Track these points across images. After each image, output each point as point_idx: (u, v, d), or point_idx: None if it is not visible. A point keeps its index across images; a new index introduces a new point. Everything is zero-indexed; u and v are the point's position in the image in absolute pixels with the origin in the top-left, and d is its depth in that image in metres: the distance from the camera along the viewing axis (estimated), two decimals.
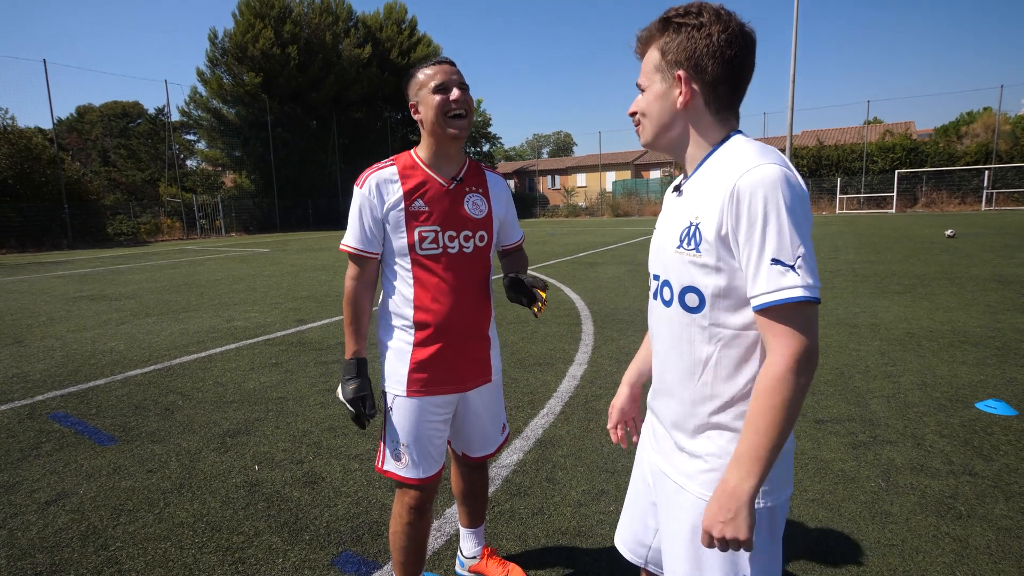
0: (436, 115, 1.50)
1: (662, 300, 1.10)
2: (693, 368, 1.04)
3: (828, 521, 2.20)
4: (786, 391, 0.89)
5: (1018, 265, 8.48)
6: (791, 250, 0.89)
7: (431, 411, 1.60)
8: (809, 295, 0.89)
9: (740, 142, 1.01)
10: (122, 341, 5.54)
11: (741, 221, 0.92)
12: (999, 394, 3.40)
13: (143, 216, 26.55)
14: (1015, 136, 26.56)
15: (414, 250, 1.55)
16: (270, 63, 27.98)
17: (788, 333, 0.90)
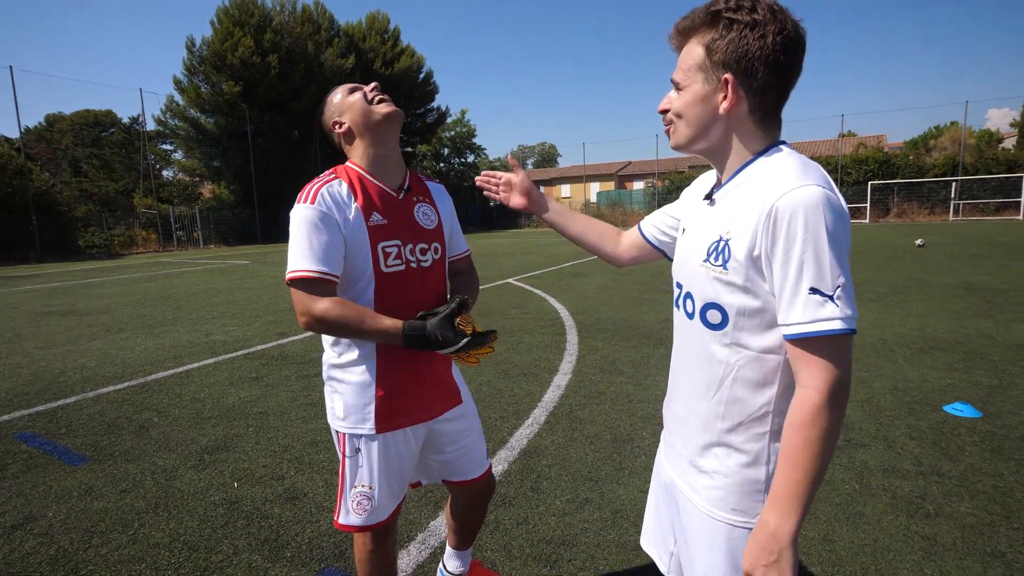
0: (361, 107, 1.43)
1: (684, 311, 1.08)
2: (710, 385, 1.02)
3: (805, 524, 2.25)
4: (823, 425, 0.85)
5: (984, 273, 8.77)
6: (831, 280, 0.84)
7: (402, 445, 1.48)
8: (847, 327, 0.85)
9: (783, 156, 0.94)
10: (93, 357, 5.41)
11: (778, 244, 0.86)
12: (965, 397, 3.51)
13: (117, 228, 26.00)
14: (980, 149, 27.58)
15: (378, 268, 1.40)
16: (250, 72, 27.77)
17: (823, 366, 0.86)
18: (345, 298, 1.40)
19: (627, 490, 2.57)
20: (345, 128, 1.47)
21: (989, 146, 28.43)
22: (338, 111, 1.48)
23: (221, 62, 27.62)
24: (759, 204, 0.89)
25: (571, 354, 4.93)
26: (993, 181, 25.52)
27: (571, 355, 4.89)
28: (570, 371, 4.43)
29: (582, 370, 4.45)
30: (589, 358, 4.78)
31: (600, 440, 3.12)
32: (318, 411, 3.72)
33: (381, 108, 1.44)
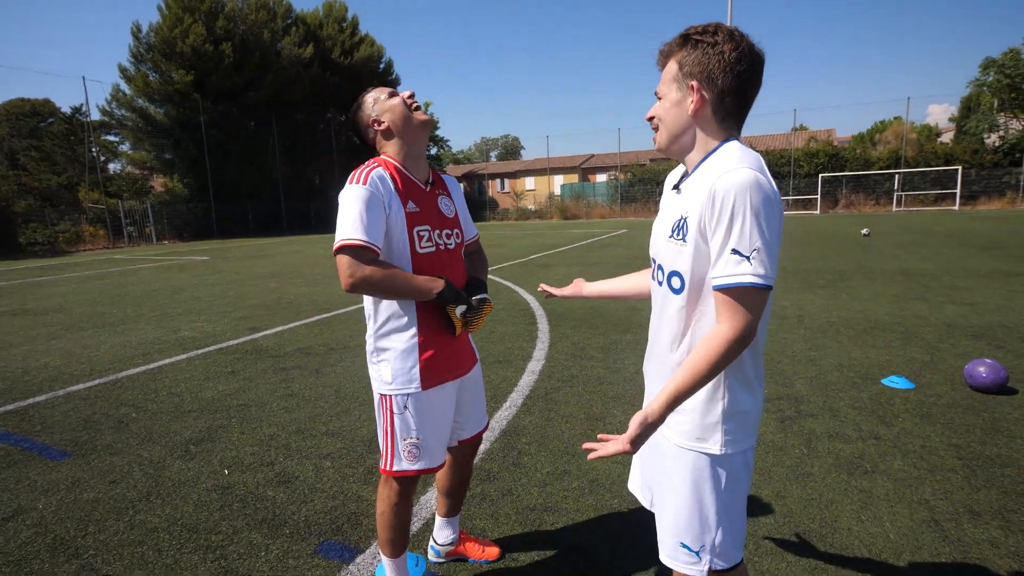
0: (402, 111, 1.64)
1: (656, 280, 1.31)
2: (675, 339, 1.24)
3: (760, 484, 2.51)
4: (720, 355, 1.09)
5: (920, 260, 9.45)
6: (749, 244, 1.05)
7: (444, 399, 1.72)
8: (759, 283, 1.06)
9: (729, 147, 1.16)
10: (57, 356, 5.28)
11: (714, 215, 1.08)
12: (901, 371, 3.89)
13: (61, 224, 24.74)
14: (920, 143, 29.22)
15: (414, 249, 1.63)
16: (202, 60, 26.79)
17: (736, 311, 1.08)
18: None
19: (602, 462, 2.78)
20: (384, 127, 1.66)
21: (929, 140, 30.13)
22: (379, 111, 1.67)
23: (170, 50, 26.55)
24: (706, 185, 1.11)
25: (543, 342, 5.13)
26: (932, 173, 27.13)
27: (543, 343, 5.10)
28: (543, 357, 4.63)
29: (554, 356, 4.65)
30: (560, 345, 5.00)
31: (575, 419, 3.32)
32: (300, 401, 3.80)
33: (419, 115, 1.67)
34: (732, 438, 1.22)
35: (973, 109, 29.70)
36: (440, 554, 2.07)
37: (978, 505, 2.29)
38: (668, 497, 1.29)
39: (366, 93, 1.71)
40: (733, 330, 1.08)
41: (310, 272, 11.36)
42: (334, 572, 2.02)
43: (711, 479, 1.23)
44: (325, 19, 32.97)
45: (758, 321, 1.10)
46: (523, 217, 36.35)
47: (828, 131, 37.03)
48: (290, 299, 8.03)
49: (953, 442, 2.84)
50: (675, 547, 1.29)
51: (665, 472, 1.30)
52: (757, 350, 1.23)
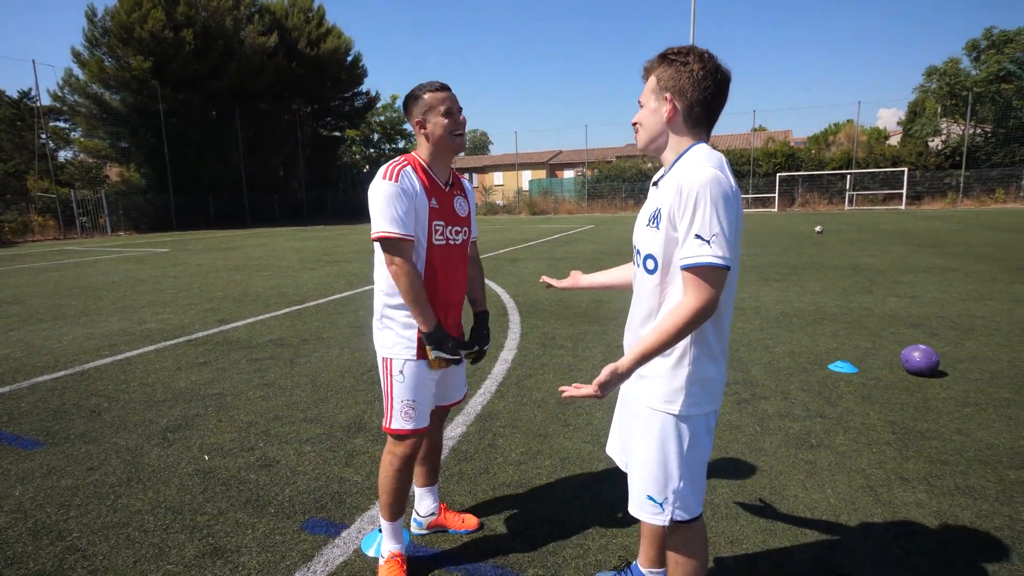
0: (444, 134, 1.81)
1: (635, 264, 1.50)
2: (649, 314, 1.43)
3: (717, 459, 2.72)
4: (684, 322, 1.27)
5: (869, 256, 10.01)
6: (709, 230, 1.24)
7: (432, 371, 1.90)
8: (718, 263, 1.24)
9: (698, 149, 1.36)
10: (17, 348, 5.14)
11: (680, 206, 1.27)
12: (846, 357, 4.20)
13: (7, 213, 23.52)
14: (870, 145, 30.62)
15: (431, 240, 1.84)
16: (161, 47, 25.82)
17: (699, 287, 1.27)
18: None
19: (572, 442, 2.95)
20: (425, 132, 1.83)
21: (878, 142, 31.59)
22: (426, 117, 1.82)
23: (128, 35, 25.51)
24: (675, 182, 1.31)
25: (514, 332, 5.28)
26: (881, 174, 28.50)
27: (514, 333, 5.25)
28: (515, 347, 4.78)
29: (525, 346, 4.81)
30: (531, 335, 5.16)
31: (546, 404, 3.49)
32: (276, 390, 3.84)
33: (458, 142, 1.86)
34: (695, 401, 1.39)
35: (919, 114, 31.27)
36: (422, 525, 2.20)
37: (908, 473, 2.56)
38: (638, 454, 1.47)
39: (426, 90, 1.82)
40: (697, 301, 1.27)
41: (277, 265, 11.21)
42: (320, 546, 2.12)
43: (675, 437, 1.40)
44: (290, 8, 32.22)
45: (718, 296, 1.28)
46: (492, 212, 36.43)
47: (785, 132, 38.37)
48: (258, 291, 7.95)
49: (889, 419, 3.13)
50: (642, 499, 1.46)
51: (636, 432, 1.49)
52: (722, 325, 1.40)
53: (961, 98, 28.43)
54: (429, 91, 1.82)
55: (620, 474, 2.57)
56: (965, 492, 2.38)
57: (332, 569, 1.99)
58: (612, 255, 11.33)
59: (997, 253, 9.88)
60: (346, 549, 2.10)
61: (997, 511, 2.23)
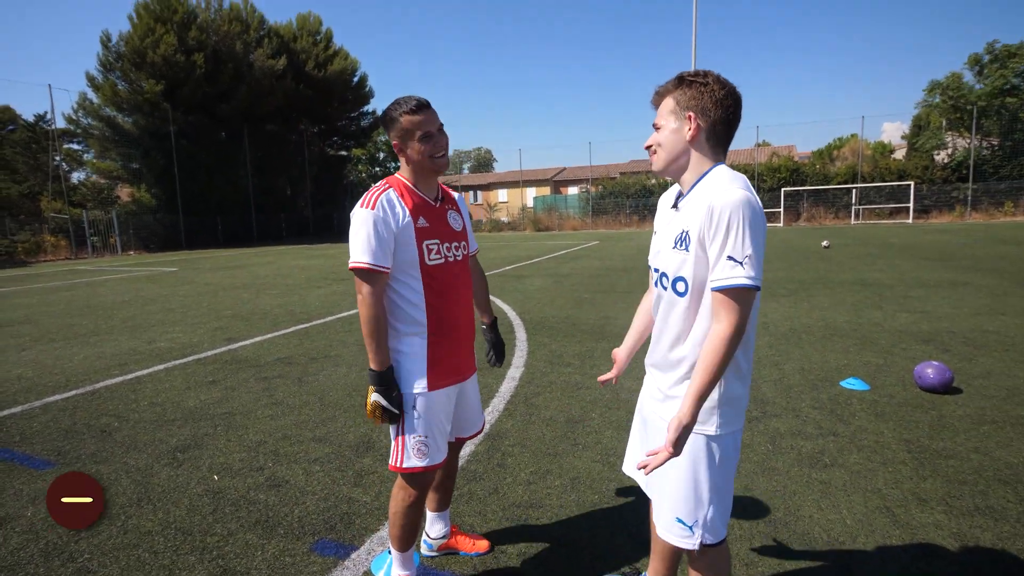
0: (424, 159, 1.76)
1: (661, 287, 1.48)
2: (678, 337, 1.43)
3: None
4: (726, 349, 1.28)
5: (877, 271, 9.96)
6: (741, 251, 1.26)
7: (446, 402, 1.85)
8: (750, 284, 1.26)
9: (721, 171, 1.38)
10: (29, 368, 5.19)
11: (712, 228, 1.29)
12: (857, 374, 4.16)
13: (20, 234, 23.90)
14: (875, 159, 30.66)
15: (423, 260, 1.77)
16: (173, 71, 26.40)
17: (732, 309, 1.28)
18: (398, 284, 1.78)
19: (582, 461, 2.93)
20: (405, 155, 1.78)
21: (883, 156, 31.63)
22: (404, 141, 1.76)
23: (141, 59, 26.12)
24: (704, 203, 1.32)
25: (521, 350, 5.27)
26: (887, 188, 28.46)
27: (521, 351, 5.24)
28: (522, 364, 4.77)
29: (533, 363, 4.80)
30: (538, 353, 5.15)
31: (555, 422, 3.47)
32: (284, 409, 3.84)
33: (439, 164, 1.79)
34: (725, 420, 1.41)
35: (923, 127, 31.33)
36: (432, 547, 2.18)
37: (925, 493, 2.51)
38: (668, 476, 1.46)
39: (401, 111, 1.72)
40: (731, 326, 1.28)
41: (284, 283, 11.28)
42: (330, 568, 2.10)
43: (706, 458, 1.41)
44: (299, 32, 32.90)
45: (748, 316, 1.31)
46: (496, 229, 36.60)
47: (789, 147, 38.52)
48: (266, 310, 7.99)
49: (904, 437, 3.09)
50: (671, 522, 1.46)
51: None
52: (748, 344, 1.41)
53: (966, 111, 28.46)
54: (405, 113, 1.72)
55: (630, 493, 2.55)
56: (985, 513, 2.33)
57: None
58: (618, 271, 11.32)
59: (1008, 267, 9.80)
60: (356, 571, 2.08)
61: (1019, 532, 2.19)
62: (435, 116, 1.77)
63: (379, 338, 1.72)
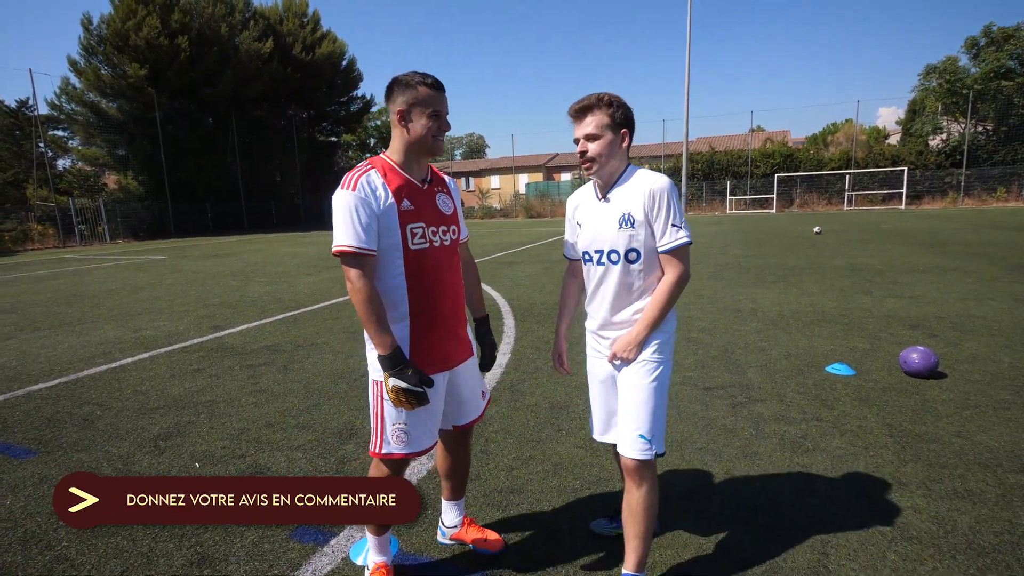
0: (427, 136, 1.70)
1: (609, 262, 1.81)
2: (632, 295, 1.81)
3: (711, 463, 2.70)
4: (671, 294, 1.76)
5: (868, 256, 9.99)
6: (679, 218, 1.74)
7: (432, 390, 1.74)
8: (689, 241, 1.75)
9: (636, 168, 1.82)
10: (13, 356, 5.13)
11: (655, 206, 1.73)
12: (843, 359, 4.18)
13: (6, 223, 23.57)
14: (869, 145, 30.65)
15: (406, 244, 1.70)
16: (156, 54, 25.86)
17: (678, 263, 1.76)
18: (381, 271, 1.72)
19: (565, 447, 2.93)
20: (404, 126, 1.71)
21: (877, 142, 31.62)
22: (411, 110, 1.69)
23: (123, 43, 25.55)
24: (643, 190, 1.75)
25: (509, 336, 5.26)
26: (880, 174, 28.51)
27: (509, 337, 5.23)
28: (509, 351, 4.76)
29: (520, 350, 4.79)
30: (525, 339, 5.14)
31: (539, 408, 3.47)
32: (268, 397, 3.82)
33: (437, 146, 1.76)
34: (670, 350, 1.83)
35: (919, 112, 31.28)
36: (446, 535, 2.14)
37: (905, 477, 2.53)
38: (633, 401, 1.76)
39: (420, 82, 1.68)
40: (679, 274, 1.76)
41: (273, 271, 11.20)
42: (309, 554, 2.10)
43: (660, 381, 1.78)
44: (285, 14, 32.27)
45: (690, 267, 1.78)
46: (488, 216, 36.43)
47: (783, 132, 38.42)
48: (254, 297, 7.93)
49: (887, 422, 3.10)
50: (636, 439, 1.74)
51: (628, 384, 1.79)
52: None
53: (961, 96, 28.43)
54: (424, 84, 1.67)
55: (611, 479, 2.56)
56: (964, 496, 2.35)
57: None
58: None
59: (998, 252, 9.86)
60: (335, 557, 2.07)
61: (996, 515, 2.20)
62: (447, 101, 1.76)
63: (378, 320, 1.64)
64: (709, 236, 15.70)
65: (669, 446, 2.90)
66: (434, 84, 1.70)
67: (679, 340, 4.89)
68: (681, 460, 2.76)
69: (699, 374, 4.00)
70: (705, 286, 7.57)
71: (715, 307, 6.19)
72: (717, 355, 4.43)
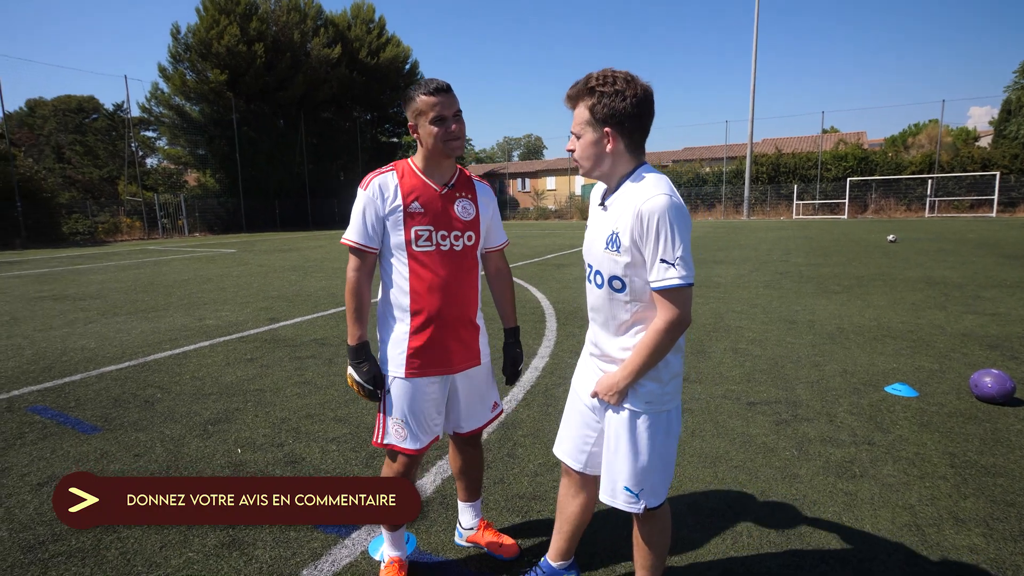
0: (435, 142, 1.73)
1: (595, 284, 1.57)
2: (621, 325, 1.54)
3: (746, 483, 2.57)
4: (659, 341, 1.44)
5: (947, 268, 9.23)
6: (672, 253, 1.37)
7: (426, 390, 1.82)
8: (682, 283, 1.38)
9: (644, 173, 1.46)
10: (92, 339, 5.59)
11: (643, 233, 1.39)
12: (907, 379, 3.87)
13: (100, 215, 25.80)
14: (956, 148, 28.31)
15: (410, 246, 1.76)
16: (236, 60, 27.58)
17: (668, 307, 1.42)
18: (388, 265, 1.82)
19: None
20: (417, 136, 1.78)
21: (966, 144, 29.16)
22: (417, 121, 1.75)
23: (207, 50, 27.40)
24: (632, 208, 1.41)
25: (549, 340, 5.23)
26: (968, 179, 26.29)
27: (549, 340, 5.19)
28: (547, 355, 4.73)
29: (558, 354, 4.75)
30: (566, 343, 5.09)
31: None
32: (312, 388, 3.98)
33: (451, 148, 1.76)
34: (670, 398, 1.55)
35: (1014, 112, 28.59)
36: (463, 537, 2.16)
37: (964, 512, 2.31)
38: (618, 450, 1.57)
39: (419, 92, 1.71)
40: (666, 321, 1.43)
41: (331, 266, 11.66)
42: (330, 545, 2.16)
43: (659, 431, 1.54)
44: (353, 20, 33.57)
45: (688, 310, 1.43)
46: (543, 217, 36.41)
47: (858, 134, 36.13)
48: (310, 292, 8.29)
49: (949, 450, 2.85)
50: (619, 490, 1.58)
51: (615, 435, 1.58)
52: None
53: None
54: (422, 94, 1.70)
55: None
56: None
57: (338, 569, 2.02)
58: None
59: None
60: (354, 551, 2.13)
61: None
62: (453, 100, 1.73)
63: (356, 313, 1.79)
64: (769, 242, 14.99)
65: (703, 461, 2.79)
66: (433, 91, 1.70)
67: (724, 351, 4.69)
68: (714, 478, 2.64)
69: (743, 388, 3.82)
70: (759, 295, 7.23)
71: (768, 317, 5.90)
72: (765, 368, 4.22)
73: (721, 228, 22.32)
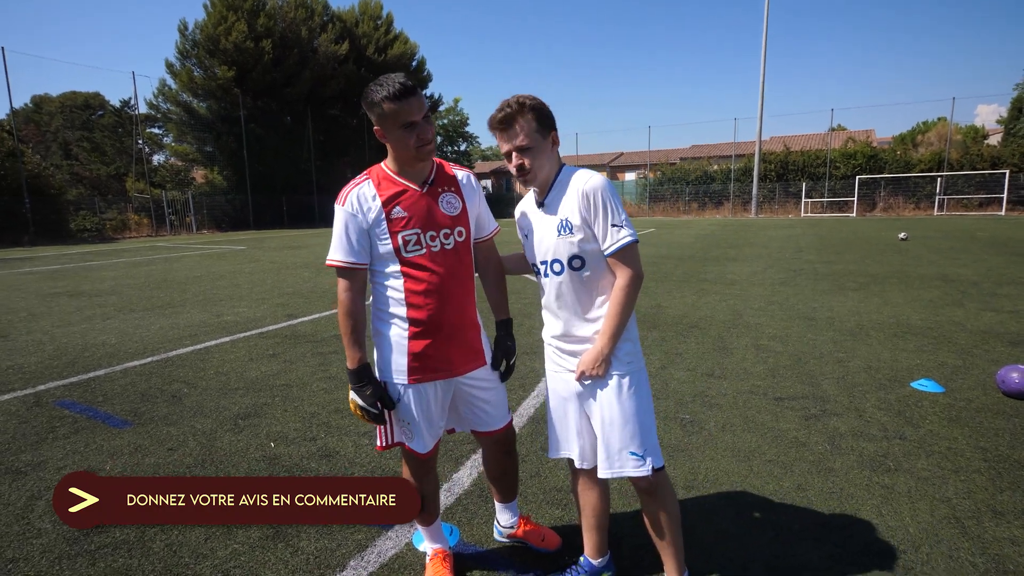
0: (406, 149, 1.65)
1: (554, 273, 1.72)
2: (587, 306, 1.71)
3: (781, 476, 2.58)
4: (626, 298, 1.64)
5: (960, 266, 9.19)
6: (618, 217, 1.62)
7: (430, 395, 1.77)
8: (633, 238, 1.62)
9: (571, 169, 1.72)
10: (112, 335, 5.63)
11: (592, 208, 1.63)
12: (931, 375, 3.87)
13: (108, 212, 25.88)
14: (965, 145, 28.14)
15: (400, 253, 1.69)
16: (243, 57, 27.58)
17: (625, 266, 1.64)
18: (381, 275, 1.75)
19: None
20: (387, 141, 1.70)
21: (975, 142, 28.99)
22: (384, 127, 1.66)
23: (214, 46, 27.41)
24: (576, 192, 1.65)
25: None
26: (977, 177, 26.12)
27: None
28: None
29: None
30: None
31: None
32: (338, 383, 4.00)
33: (423, 152, 1.67)
34: (640, 356, 1.75)
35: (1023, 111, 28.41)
36: (502, 535, 2.15)
37: (1001, 505, 2.32)
38: (614, 419, 1.67)
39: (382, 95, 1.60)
40: (629, 276, 1.64)
41: None
42: (375, 537, 2.18)
43: (641, 390, 1.70)
44: (360, 17, 33.53)
45: (640, 264, 1.66)
46: None
47: (867, 132, 35.95)
48: (325, 288, 8.31)
49: (980, 445, 2.85)
50: (625, 457, 1.66)
51: (606, 402, 1.68)
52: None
53: None
54: (387, 99, 1.59)
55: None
56: None
57: (385, 560, 2.04)
58: (673, 259, 11.00)
59: None
60: (398, 542, 2.15)
61: None
62: (421, 102, 1.63)
63: (351, 334, 1.71)
64: (780, 240, 14.95)
65: (736, 456, 2.79)
66: (398, 94, 1.58)
67: (747, 347, 4.69)
68: (749, 471, 2.65)
69: (769, 383, 3.82)
70: (776, 292, 7.22)
71: (787, 314, 5.89)
72: (789, 364, 4.22)
73: (730, 226, 22.26)
